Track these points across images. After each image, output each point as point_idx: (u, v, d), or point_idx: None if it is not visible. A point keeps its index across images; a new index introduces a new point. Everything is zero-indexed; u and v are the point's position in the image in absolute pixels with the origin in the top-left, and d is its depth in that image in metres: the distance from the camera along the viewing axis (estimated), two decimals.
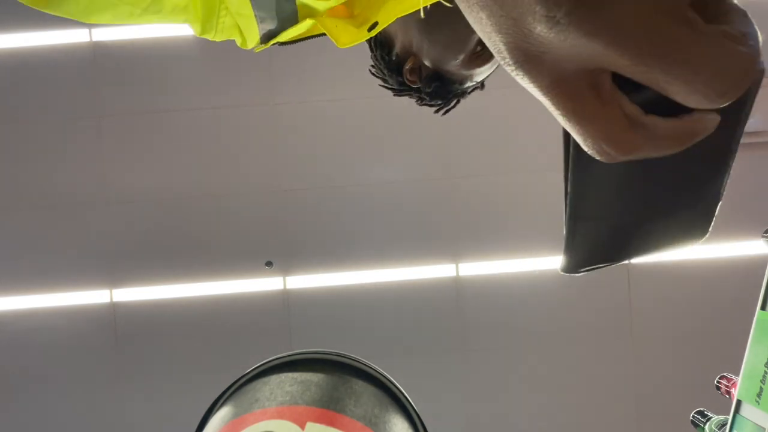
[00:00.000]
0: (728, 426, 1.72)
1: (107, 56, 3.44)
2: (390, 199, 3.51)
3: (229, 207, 3.50)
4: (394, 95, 1.11)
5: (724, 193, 0.40)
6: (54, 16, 0.72)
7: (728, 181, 0.39)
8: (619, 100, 0.29)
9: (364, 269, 3.52)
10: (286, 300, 3.52)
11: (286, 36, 0.89)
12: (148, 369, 3.52)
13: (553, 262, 3.53)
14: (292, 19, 0.86)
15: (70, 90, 3.45)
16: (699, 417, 1.97)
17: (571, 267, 0.43)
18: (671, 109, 0.29)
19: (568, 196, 0.36)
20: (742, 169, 3.69)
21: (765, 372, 1.60)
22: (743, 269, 3.36)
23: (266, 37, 0.87)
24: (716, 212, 0.42)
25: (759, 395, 1.61)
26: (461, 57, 0.98)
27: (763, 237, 1.84)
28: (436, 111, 1.11)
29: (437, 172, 3.50)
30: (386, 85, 1.10)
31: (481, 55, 0.99)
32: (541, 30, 0.26)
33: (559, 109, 0.29)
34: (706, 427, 1.90)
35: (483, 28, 0.28)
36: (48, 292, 3.50)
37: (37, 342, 3.51)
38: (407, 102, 1.13)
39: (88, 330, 3.50)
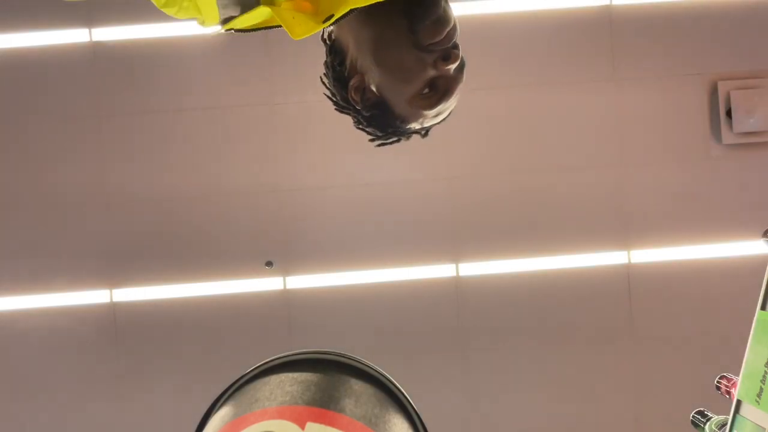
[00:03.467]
0: (728, 426, 1.72)
1: (107, 56, 3.44)
2: (390, 199, 3.50)
3: (229, 207, 3.50)
4: (335, 109, 1.05)
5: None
6: (53, 16, 0.72)
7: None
8: None
9: (364, 269, 3.52)
10: (286, 300, 3.52)
11: (241, 23, 0.87)
12: (148, 369, 3.52)
13: (554, 261, 3.53)
14: (252, 5, 0.85)
15: (70, 90, 3.45)
16: (699, 417, 1.97)
17: None
18: None
19: None
20: (742, 169, 3.71)
21: (765, 372, 1.60)
22: (743, 269, 3.36)
23: (225, 21, 0.86)
24: None
25: (759, 395, 1.61)
26: (406, 91, 0.93)
27: (763, 237, 1.84)
28: (371, 140, 1.05)
29: (437, 172, 3.50)
30: (330, 96, 1.04)
31: (428, 97, 0.94)
32: None
33: None
34: (706, 427, 1.90)
35: None
36: (48, 292, 3.50)
37: (37, 342, 3.50)
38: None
39: (88, 330, 3.50)
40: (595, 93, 3.49)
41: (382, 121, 0.99)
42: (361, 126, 1.03)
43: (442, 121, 1.01)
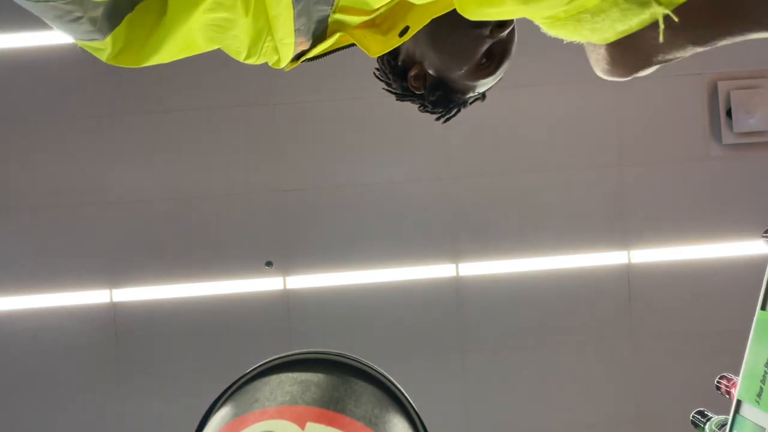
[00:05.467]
0: (728, 426, 1.72)
1: None
2: (390, 199, 3.50)
3: (229, 207, 3.50)
4: (396, 99, 1.12)
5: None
6: None
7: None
8: None
9: (364, 269, 3.52)
10: (286, 300, 3.52)
11: (315, 52, 0.93)
12: (147, 369, 3.52)
13: (553, 261, 3.53)
14: (322, 37, 0.91)
15: (70, 90, 3.45)
16: (699, 417, 1.97)
17: None
18: None
19: None
20: (742, 169, 3.70)
21: (765, 372, 1.60)
22: (743, 269, 3.36)
23: (296, 56, 0.91)
24: None
25: (759, 395, 1.61)
26: (466, 68, 0.99)
27: (763, 237, 1.84)
28: (437, 118, 1.12)
29: (437, 172, 3.50)
30: (390, 89, 1.11)
31: (487, 67, 1.00)
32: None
33: None
34: (706, 427, 1.90)
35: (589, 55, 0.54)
36: (48, 292, 3.50)
37: (37, 342, 3.50)
38: (407, 102, 1.14)
39: (87, 330, 3.50)
40: (595, 93, 3.49)
41: (446, 100, 1.06)
42: (426, 109, 1.10)
43: (497, 82, 1.06)
